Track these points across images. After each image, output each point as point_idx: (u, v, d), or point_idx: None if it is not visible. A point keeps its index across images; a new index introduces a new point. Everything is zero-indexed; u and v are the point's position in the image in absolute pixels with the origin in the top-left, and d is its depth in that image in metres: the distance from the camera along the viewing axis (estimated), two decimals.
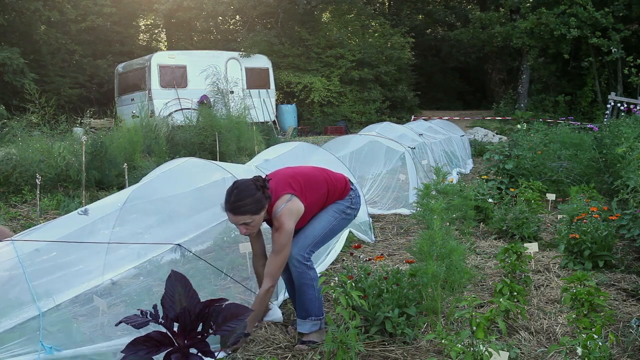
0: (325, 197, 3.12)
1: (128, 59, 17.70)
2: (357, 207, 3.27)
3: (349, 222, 3.28)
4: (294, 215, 2.93)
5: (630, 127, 7.87)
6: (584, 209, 4.62)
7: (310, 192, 3.03)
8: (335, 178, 3.22)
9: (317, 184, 3.10)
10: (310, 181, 3.08)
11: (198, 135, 10.34)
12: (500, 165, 7.04)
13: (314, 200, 3.05)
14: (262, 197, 2.84)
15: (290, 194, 2.95)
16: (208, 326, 2.19)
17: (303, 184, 3.04)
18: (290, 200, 2.93)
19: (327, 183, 3.14)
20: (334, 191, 3.16)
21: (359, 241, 5.08)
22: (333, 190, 3.15)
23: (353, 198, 3.23)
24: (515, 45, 20.27)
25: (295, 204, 2.94)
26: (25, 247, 2.92)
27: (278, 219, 2.89)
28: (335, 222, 3.15)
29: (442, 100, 26.70)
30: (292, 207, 2.92)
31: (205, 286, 3.36)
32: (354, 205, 3.24)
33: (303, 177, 3.08)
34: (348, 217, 3.23)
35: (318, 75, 19.89)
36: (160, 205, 4.01)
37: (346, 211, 3.20)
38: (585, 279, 3.02)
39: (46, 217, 6.20)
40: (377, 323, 3.04)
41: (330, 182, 3.16)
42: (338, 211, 3.17)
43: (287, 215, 2.90)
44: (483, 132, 15.62)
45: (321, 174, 3.18)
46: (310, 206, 3.04)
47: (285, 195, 2.94)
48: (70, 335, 2.61)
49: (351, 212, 3.23)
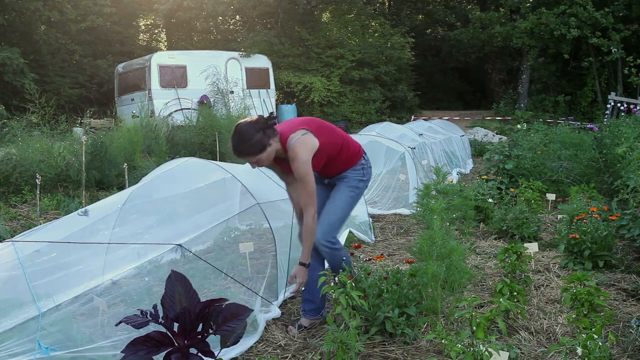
0: (339, 148, 3.20)
1: (128, 59, 17.70)
2: (367, 179, 3.35)
3: (361, 194, 3.36)
4: (308, 147, 3.01)
5: (630, 127, 7.87)
6: (584, 209, 4.62)
7: (324, 135, 3.11)
8: (351, 141, 3.32)
9: (332, 132, 3.21)
10: (326, 127, 3.20)
11: (198, 135, 10.34)
12: (500, 165, 7.04)
13: (327, 141, 3.12)
14: (262, 137, 2.94)
15: (305, 130, 3.05)
16: (208, 326, 2.19)
17: (318, 126, 3.15)
18: (305, 135, 3.03)
19: (342, 138, 3.24)
20: (347, 148, 3.24)
21: (359, 241, 5.08)
22: (347, 147, 3.24)
23: (365, 169, 3.31)
24: (515, 45, 20.27)
25: (310, 138, 3.03)
26: (26, 248, 2.93)
27: (292, 151, 3.00)
28: (350, 199, 3.26)
29: (442, 100, 26.70)
30: (305, 139, 3.01)
31: (205, 286, 3.37)
32: (365, 177, 3.32)
33: (319, 122, 3.21)
34: (360, 191, 3.31)
35: (318, 75, 19.88)
36: (160, 205, 4.02)
37: (358, 185, 3.29)
38: (585, 279, 3.02)
39: (46, 217, 6.20)
40: (377, 323, 3.04)
41: (345, 140, 3.26)
42: (351, 187, 3.27)
43: (301, 146, 2.99)
44: (483, 132, 15.61)
45: (338, 130, 3.28)
46: (325, 146, 3.09)
47: (299, 131, 3.04)
48: (70, 335, 2.61)
49: (362, 185, 3.31)
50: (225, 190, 4.18)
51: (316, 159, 3.07)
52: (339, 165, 3.25)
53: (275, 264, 3.68)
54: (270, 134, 2.98)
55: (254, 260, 3.94)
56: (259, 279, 3.69)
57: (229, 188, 4.15)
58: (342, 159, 3.23)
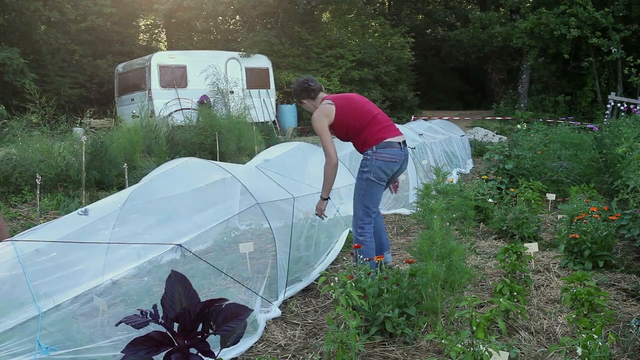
0: (356, 130, 3.91)
1: (128, 59, 17.69)
2: (369, 169, 3.83)
3: (373, 183, 3.84)
4: (323, 112, 3.86)
5: (630, 127, 7.87)
6: (584, 209, 4.62)
7: (343, 112, 3.88)
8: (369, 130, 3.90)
9: (354, 112, 3.92)
10: (351, 108, 3.93)
11: (198, 135, 10.34)
12: (500, 165, 7.04)
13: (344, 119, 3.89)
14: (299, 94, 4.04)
15: (331, 101, 3.91)
16: (208, 326, 2.18)
17: (343, 104, 3.92)
18: (328, 104, 3.89)
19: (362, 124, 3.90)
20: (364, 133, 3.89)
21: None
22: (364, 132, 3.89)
23: (368, 160, 3.84)
24: (515, 45, 20.26)
25: (328, 107, 3.88)
26: (26, 248, 2.93)
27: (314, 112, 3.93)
28: (359, 190, 3.89)
29: (442, 100, 26.69)
30: (324, 107, 3.89)
31: (205, 286, 3.36)
32: (367, 167, 3.84)
33: (347, 102, 3.97)
34: (365, 179, 3.84)
35: (318, 75, 19.86)
36: (160, 205, 4.01)
37: (362, 175, 3.87)
38: (585, 279, 3.02)
39: (46, 217, 6.20)
40: (377, 323, 3.04)
41: (365, 126, 3.90)
42: (358, 178, 3.93)
43: (318, 110, 3.90)
44: (483, 132, 15.60)
45: (365, 115, 3.94)
46: (341, 121, 3.89)
47: (327, 100, 3.94)
48: (70, 335, 2.61)
49: (365, 174, 3.84)
50: (225, 190, 4.18)
51: (337, 130, 3.95)
52: (359, 146, 3.97)
53: (275, 264, 3.68)
54: (304, 96, 4.02)
55: (254, 260, 3.94)
56: (259, 279, 3.69)
57: (229, 188, 4.15)
58: (360, 141, 3.92)
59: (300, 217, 4.46)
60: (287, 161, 5.31)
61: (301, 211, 4.48)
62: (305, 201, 4.61)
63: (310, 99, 4.01)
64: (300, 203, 4.45)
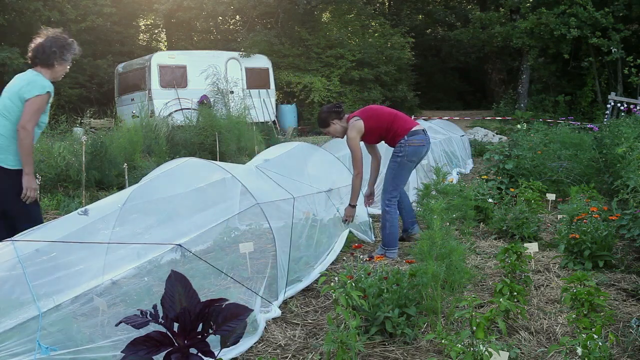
0: (385, 129, 4.69)
1: (128, 59, 17.70)
2: (403, 154, 4.60)
3: (405, 166, 4.67)
4: (355, 129, 4.61)
5: (630, 127, 7.87)
6: (584, 209, 4.62)
7: (371, 121, 4.65)
8: (398, 124, 4.68)
9: (379, 118, 4.69)
10: (375, 116, 4.70)
11: (198, 135, 10.34)
12: (500, 165, 7.04)
13: (374, 125, 4.66)
14: (327, 117, 4.69)
15: (358, 117, 4.66)
16: (208, 326, 2.18)
17: (368, 115, 4.68)
18: (357, 121, 4.64)
19: (388, 123, 4.68)
20: (393, 129, 4.67)
21: (359, 241, 5.08)
22: (392, 128, 4.67)
23: (402, 147, 4.61)
24: (515, 45, 20.26)
25: (358, 123, 4.62)
26: (26, 248, 2.92)
27: (348, 131, 4.64)
28: (392, 170, 4.69)
29: (442, 100, 26.70)
30: (355, 124, 4.63)
31: (205, 286, 3.36)
32: (401, 152, 4.61)
33: (371, 112, 4.75)
34: (399, 162, 4.63)
35: (318, 75, 19.88)
36: (160, 205, 4.01)
37: (396, 159, 4.66)
38: (585, 279, 3.02)
39: (46, 217, 6.20)
40: (377, 323, 3.04)
41: (391, 124, 4.68)
42: (392, 161, 4.68)
43: (350, 128, 4.64)
44: (483, 132, 15.60)
45: (389, 116, 4.73)
46: (372, 128, 4.66)
47: (354, 118, 4.67)
48: (70, 335, 2.60)
49: (400, 159, 4.62)
50: (225, 190, 4.17)
51: (368, 136, 4.69)
52: (390, 139, 4.73)
53: (275, 264, 3.68)
54: (333, 117, 4.68)
55: (254, 260, 3.93)
56: (258, 279, 3.69)
57: (229, 188, 4.15)
58: (389, 136, 4.72)
59: (301, 217, 4.46)
60: (287, 161, 5.31)
61: (301, 211, 4.48)
62: (305, 201, 4.61)
63: (338, 119, 4.69)
64: (301, 203, 4.45)
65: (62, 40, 3.80)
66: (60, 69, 3.82)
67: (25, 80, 3.72)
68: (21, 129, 3.60)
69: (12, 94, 3.69)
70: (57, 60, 3.77)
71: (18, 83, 3.73)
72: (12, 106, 3.66)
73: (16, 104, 3.65)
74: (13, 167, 3.64)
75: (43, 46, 3.74)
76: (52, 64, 3.75)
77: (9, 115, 3.66)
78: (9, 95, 3.70)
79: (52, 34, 3.81)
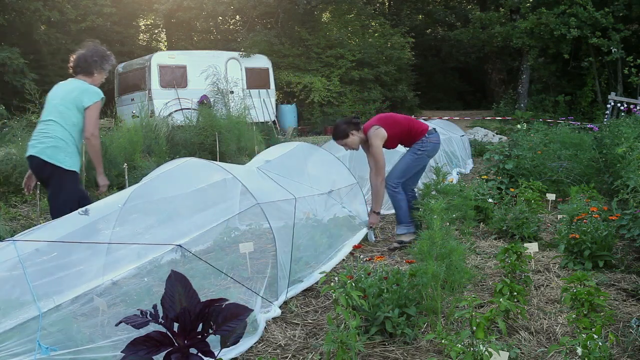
0: (406, 132, 4.93)
1: (128, 59, 17.69)
2: (425, 149, 4.93)
3: (422, 160, 5.00)
4: (379, 137, 4.81)
5: (630, 127, 7.87)
6: (584, 209, 4.62)
7: (391, 127, 4.86)
8: (416, 125, 5.00)
9: (398, 123, 4.94)
10: (394, 122, 4.93)
11: (198, 135, 10.33)
12: (500, 165, 7.04)
13: (395, 131, 4.88)
14: (346, 128, 4.85)
15: (378, 126, 4.86)
16: (208, 326, 2.18)
17: (387, 122, 4.90)
18: (377, 129, 4.83)
19: (407, 126, 4.95)
20: (412, 131, 4.95)
21: (359, 241, 5.08)
22: (412, 130, 4.95)
23: (423, 142, 4.92)
24: (515, 45, 20.26)
25: (380, 131, 4.82)
26: (26, 247, 2.93)
27: (370, 140, 4.83)
28: (410, 160, 4.94)
29: (442, 100, 26.70)
30: (377, 132, 4.82)
31: (205, 286, 3.37)
32: (423, 147, 4.92)
33: (388, 119, 4.98)
34: (420, 156, 4.94)
35: (318, 75, 19.87)
36: (160, 205, 4.01)
37: (416, 152, 4.93)
38: (585, 279, 3.02)
39: (46, 217, 6.20)
40: (377, 323, 3.04)
41: (409, 126, 4.97)
42: (411, 153, 4.95)
43: (374, 136, 4.81)
44: (483, 132, 15.60)
45: (405, 121, 5.02)
46: (393, 135, 4.88)
47: (374, 126, 4.86)
48: (70, 335, 2.61)
49: (420, 153, 4.92)
50: (226, 191, 4.18)
51: (389, 142, 4.89)
52: (410, 141, 4.99)
53: (276, 264, 3.68)
54: (352, 128, 4.85)
55: (254, 260, 3.94)
56: (259, 279, 3.69)
57: (229, 188, 4.15)
58: (409, 138, 4.96)
59: (301, 217, 4.46)
60: (288, 162, 5.31)
61: (302, 211, 4.48)
62: (305, 202, 4.61)
63: (357, 130, 4.89)
64: (301, 203, 4.45)
65: (102, 52, 4.23)
66: (99, 77, 4.18)
67: (77, 89, 4.03)
68: (91, 136, 4.01)
69: (67, 101, 3.99)
70: (96, 69, 4.14)
71: (71, 90, 4.03)
72: (68, 112, 3.98)
73: (72, 111, 3.98)
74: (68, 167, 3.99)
75: (85, 56, 4.12)
76: (92, 72, 4.12)
77: (63, 121, 3.97)
78: (63, 103, 4.00)
79: (92, 46, 4.25)
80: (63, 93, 4.04)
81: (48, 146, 3.94)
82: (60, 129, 3.96)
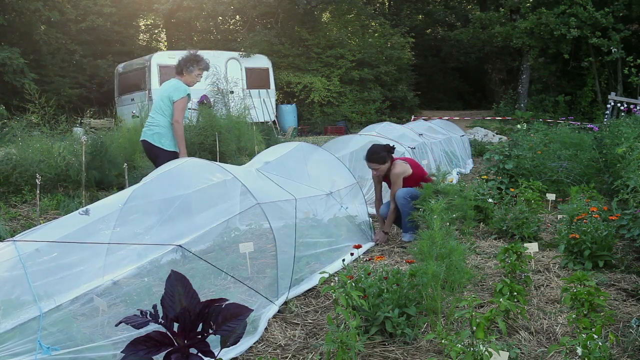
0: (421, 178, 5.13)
1: (128, 59, 17.71)
2: None
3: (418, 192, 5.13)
4: (402, 169, 5.11)
5: (630, 127, 7.87)
6: (584, 209, 4.62)
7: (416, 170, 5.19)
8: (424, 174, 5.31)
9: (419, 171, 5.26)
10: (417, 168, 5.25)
11: (198, 135, 10.31)
12: (500, 165, 7.04)
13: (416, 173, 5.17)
14: (385, 155, 5.08)
15: (405, 161, 5.24)
16: (208, 326, 2.18)
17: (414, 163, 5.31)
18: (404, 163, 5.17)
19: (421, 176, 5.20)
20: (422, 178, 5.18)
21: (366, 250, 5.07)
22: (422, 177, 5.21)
23: None
24: (515, 45, 20.27)
25: (407, 166, 5.16)
26: (27, 247, 2.93)
27: (395, 167, 5.12)
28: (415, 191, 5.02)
29: (442, 100, 26.72)
30: (403, 165, 5.15)
31: (205, 286, 3.36)
32: None
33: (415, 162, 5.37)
34: None
35: (318, 75, 19.88)
36: (160, 205, 4.01)
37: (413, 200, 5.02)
38: (585, 279, 3.02)
39: (46, 217, 6.20)
40: (377, 323, 3.04)
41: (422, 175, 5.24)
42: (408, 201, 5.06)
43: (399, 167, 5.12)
44: (483, 132, 15.61)
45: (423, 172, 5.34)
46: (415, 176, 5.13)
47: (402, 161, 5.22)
48: (71, 335, 2.61)
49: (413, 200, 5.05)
50: (226, 191, 4.17)
51: (409, 181, 5.10)
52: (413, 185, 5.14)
53: (276, 264, 3.68)
54: (389, 158, 5.11)
55: (254, 260, 3.94)
56: (259, 279, 3.69)
57: (229, 188, 4.15)
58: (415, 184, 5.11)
59: (301, 217, 4.46)
60: (288, 162, 5.31)
61: (301, 211, 4.48)
62: (305, 202, 4.61)
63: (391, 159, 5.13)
64: (301, 204, 4.45)
65: (191, 56, 5.07)
66: (188, 77, 5.03)
67: (172, 86, 4.96)
68: (175, 123, 4.92)
69: (163, 97, 4.96)
70: (185, 70, 5.01)
71: (167, 88, 4.97)
72: (164, 105, 4.95)
73: (166, 104, 4.94)
74: (168, 148, 4.97)
75: (179, 60, 5.07)
76: (181, 72, 5.03)
77: (162, 112, 4.96)
78: (161, 97, 4.98)
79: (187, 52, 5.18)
80: (162, 90, 5.01)
81: (154, 132, 4.97)
82: (162, 119, 4.94)
